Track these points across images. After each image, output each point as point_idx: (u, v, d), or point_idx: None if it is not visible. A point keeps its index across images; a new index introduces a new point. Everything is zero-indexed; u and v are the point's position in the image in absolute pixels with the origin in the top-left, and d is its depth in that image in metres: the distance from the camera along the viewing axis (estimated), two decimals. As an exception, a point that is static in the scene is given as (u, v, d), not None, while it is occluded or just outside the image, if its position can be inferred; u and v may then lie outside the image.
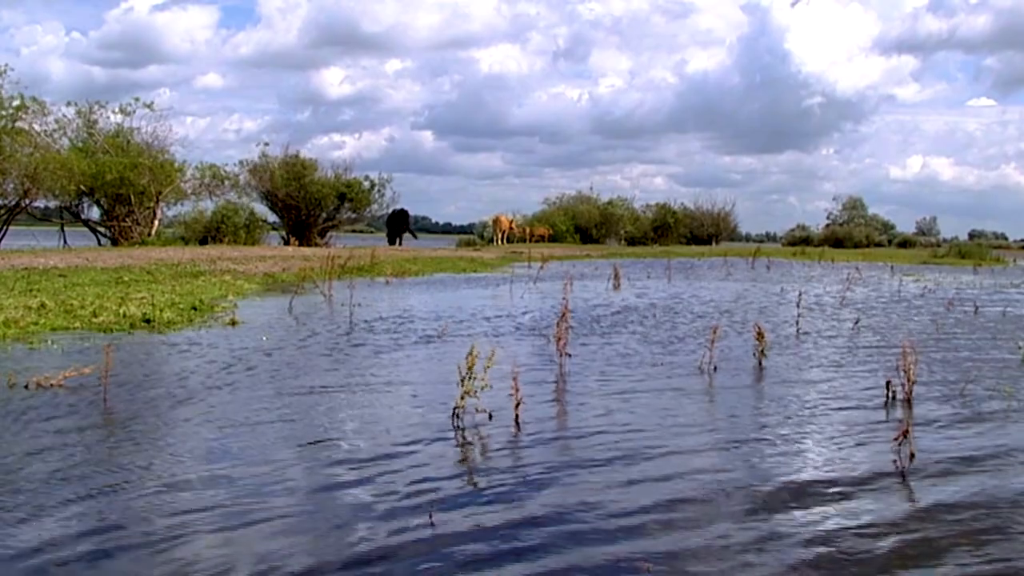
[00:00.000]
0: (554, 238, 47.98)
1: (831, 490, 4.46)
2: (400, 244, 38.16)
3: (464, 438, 5.34)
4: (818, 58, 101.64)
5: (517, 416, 5.56)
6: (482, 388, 5.55)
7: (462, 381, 5.55)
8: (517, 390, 5.53)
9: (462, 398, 5.56)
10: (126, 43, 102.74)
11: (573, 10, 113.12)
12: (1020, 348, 9.48)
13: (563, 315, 8.09)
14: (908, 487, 4.55)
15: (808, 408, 6.46)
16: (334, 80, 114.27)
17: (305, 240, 35.70)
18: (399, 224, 39.61)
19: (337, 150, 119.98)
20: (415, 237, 39.71)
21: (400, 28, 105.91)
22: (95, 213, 31.64)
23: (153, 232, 30.12)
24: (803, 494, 4.37)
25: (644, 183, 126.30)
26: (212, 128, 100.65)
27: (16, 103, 26.25)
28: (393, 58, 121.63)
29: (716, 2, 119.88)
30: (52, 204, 31.10)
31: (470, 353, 5.57)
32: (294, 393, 6.55)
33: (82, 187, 28.88)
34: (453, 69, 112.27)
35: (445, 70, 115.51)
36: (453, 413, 5.62)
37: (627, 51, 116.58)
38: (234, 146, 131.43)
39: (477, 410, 5.56)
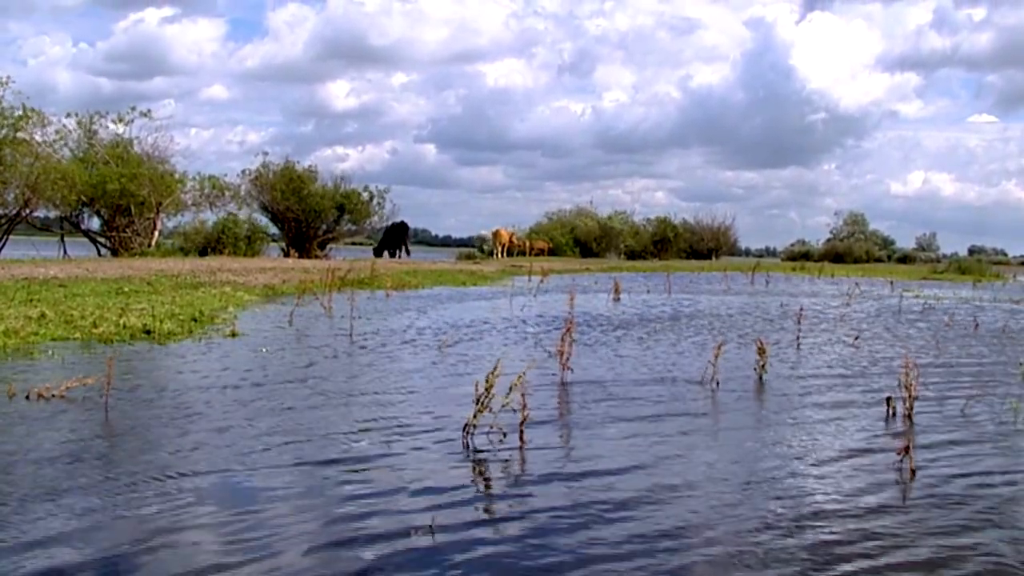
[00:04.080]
0: (554, 252, 48.03)
1: (830, 506, 4.45)
2: (399, 257, 38.09)
3: (471, 453, 5.33)
4: (822, 74, 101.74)
5: (522, 432, 5.55)
6: (503, 407, 5.52)
7: (479, 400, 5.52)
8: (524, 406, 5.52)
9: (475, 415, 5.54)
10: (133, 55, 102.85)
11: (580, 25, 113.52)
12: (1021, 364, 9.49)
13: (567, 329, 8.09)
14: (908, 503, 4.54)
15: (808, 423, 6.46)
16: (339, 93, 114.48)
17: (305, 252, 35.70)
18: (398, 237, 39.43)
19: (340, 162, 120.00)
20: (408, 253, 39.49)
21: (407, 42, 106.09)
22: (95, 224, 31.70)
23: (153, 243, 30.13)
24: (802, 510, 4.37)
25: (645, 197, 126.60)
26: (216, 140, 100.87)
27: (18, 113, 26.34)
28: (399, 71, 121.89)
29: (721, 18, 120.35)
30: (52, 214, 31.17)
31: (492, 371, 5.55)
32: (295, 404, 6.53)
33: (82, 197, 28.92)
34: (458, 83, 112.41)
35: (450, 84, 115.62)
36: (464, 429, 5.59)
37: (631, 66, 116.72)
38: (237, 158, 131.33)
39: (491, 426, 5.54)
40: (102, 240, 31.15)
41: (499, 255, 42.56)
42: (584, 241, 51.89)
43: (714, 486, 4.74)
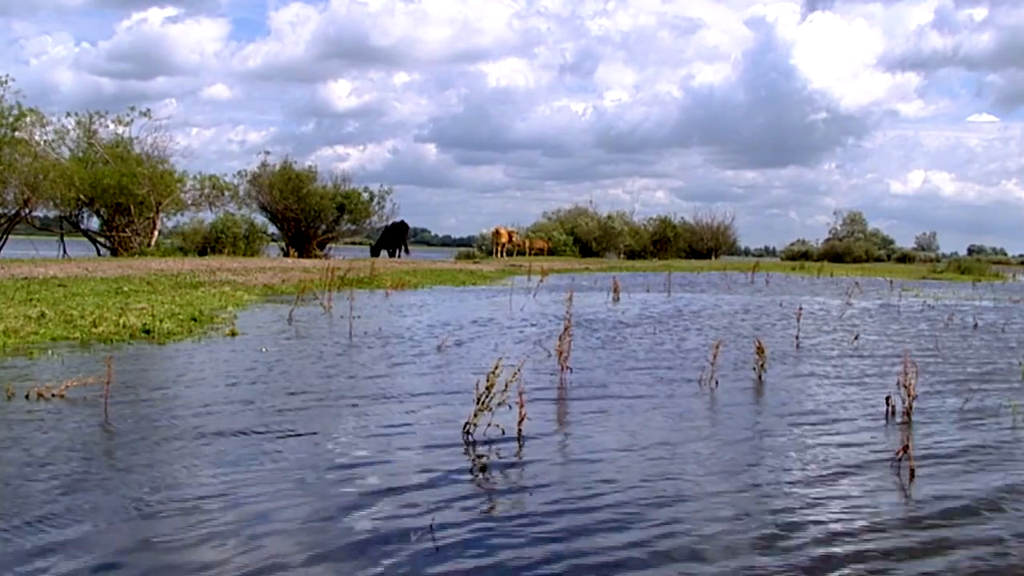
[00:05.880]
0: (553, 251, 48.09)
1: (828, 505, 4.45)
2: (398, 256, 38.10)
3: (472, 453, 5.33)
4: (823, 74, 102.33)
5: (520, 431, 5.55)
6: (499, 404, 5.53)
7: (479, 400, 5.53)
8: (522, 405, 5.52)
9: (476, 415, 5.54)
10: (136, 55, 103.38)
11: (582, 25, 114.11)
12: (1021, 363, 9.50)
13: (565, 328, 8.10)
14: (907, 504, 4.54)
15: (807, 423, 6.45)
16: (341, 92, 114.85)
17: (304, 252, 35.72)
18: (398, 236, 39.40)
19: (340, 162, 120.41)
20: (407, 252, 39.47)
21: (409, 42, 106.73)
22: (95, 223, 31.74)
23: (152, 243, 30.15)
24: (801, 509, 4.37)
25: (645, 197, 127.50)
26: (216, 139, 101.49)
27: (16, 112, 26.36)
28: (401, 71, 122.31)
29: (723, 18, 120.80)
30: (52, 214, 31.26)
31: (492, 371, 5.56)
32: (294, 403, 6.53)
33: (81, 197, 28.94)
34: (460, 83, 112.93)
35: (452, 83, 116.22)
36: (464, 429, 5.60)
37: (633, 65, 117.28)
38: (238, 157, 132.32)
39: (489, 424, 5.54)
40: (101, 240, 31.19)
41: (499, 254, 42.58)
42: (584, 240, 51.93)
43: (712, 485, 4.74)
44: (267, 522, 3.95)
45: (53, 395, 6.34)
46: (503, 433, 5.54)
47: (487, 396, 5.52)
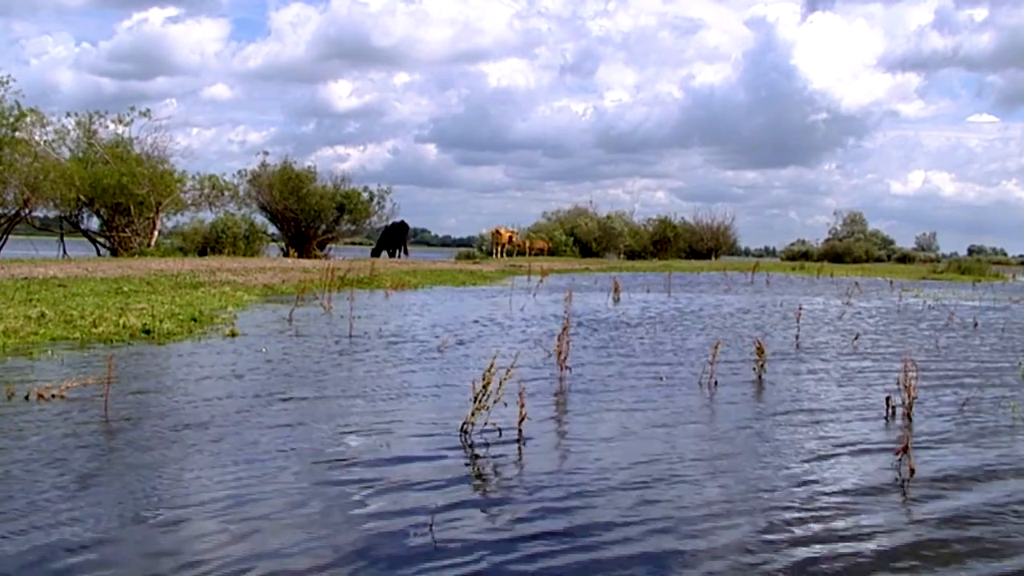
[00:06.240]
0: (553, 251, 48.11)
1: (830, 506, 4.45)
2: (398, 257, 38.08)
3: (469, 451, 5.34)
4: (823, 74, 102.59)
5: (520, 431, 5.55)
6: (495, 402, 5.53)
7: (476, 398, 5.53)
8: (522, 405, 5.52)
9: (473, 414, 5.54)
10: (136, 55, 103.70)
11: (582, 25, 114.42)
12: (1021, 364, 9.50)
13: (564, 328, 8.10)
14: (908, 503, 4.55)
15: (807, 424, 6.45)
16: (341, 93, 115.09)
17: (304, 252, 35.72)
18: (397, 237, 39.35)
19: (341, 162, 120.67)
20: (406, 253, 39.43)
21: (410, 42, 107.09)
22: (95, 223, 31.74)
23: (152, 243, 30.15)
24: (802, 510, 4.37)
25: (645, 197, 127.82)
26: (217, 139, 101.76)
27: (16, 112, 26.36)
28: (402, 71, 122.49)
29: (723, 18, 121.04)
30: (51, 214, 31.26)
31: (488, 369, 5.56)
32: (293, 403, 6.54)
33: (81, 197, 28.93)
34: (461, 83, 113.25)
35: (452, 84, 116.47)
36: (462, 428, 5.60)
37: (634, 66, 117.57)
38: (238, 157, 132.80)
39: (486, 422, 5.55)
40: (101, 240, 31.19)
41: (498, 255, 42.58)
42: (584, 241, 51.94)
43: (711, 485, 4.74)
44: (264, 521, 3.95)
45: (53, 395, 6.34)
46: (500, 433, 5.54)
47: (483, 395, 5.52)
